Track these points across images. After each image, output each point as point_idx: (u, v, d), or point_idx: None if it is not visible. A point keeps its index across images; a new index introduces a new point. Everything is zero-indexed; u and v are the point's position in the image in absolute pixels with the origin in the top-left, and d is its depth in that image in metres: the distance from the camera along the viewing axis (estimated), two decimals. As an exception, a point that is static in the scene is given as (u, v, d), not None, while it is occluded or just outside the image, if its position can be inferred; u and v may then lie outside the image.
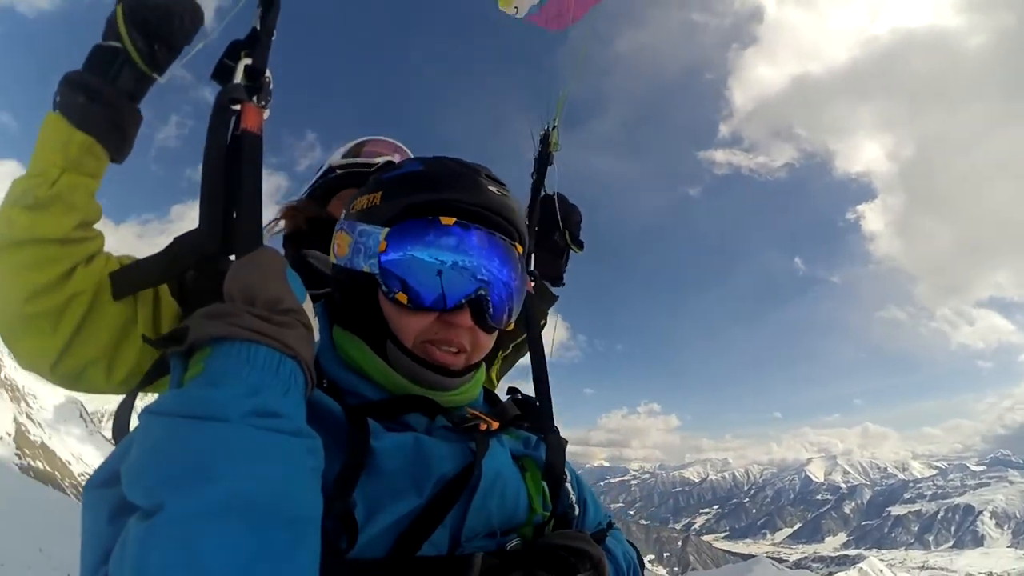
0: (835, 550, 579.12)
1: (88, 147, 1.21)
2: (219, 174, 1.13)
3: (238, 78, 1.24)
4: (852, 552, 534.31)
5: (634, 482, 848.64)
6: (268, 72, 1.28)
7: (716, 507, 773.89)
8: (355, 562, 0.96)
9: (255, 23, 1.32)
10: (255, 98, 1.24)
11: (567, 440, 1.40)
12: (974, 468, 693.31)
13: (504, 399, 1.48)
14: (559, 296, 2.20)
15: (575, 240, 2.23)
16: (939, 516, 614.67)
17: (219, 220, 1.11)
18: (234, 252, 1.07)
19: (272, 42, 1.31)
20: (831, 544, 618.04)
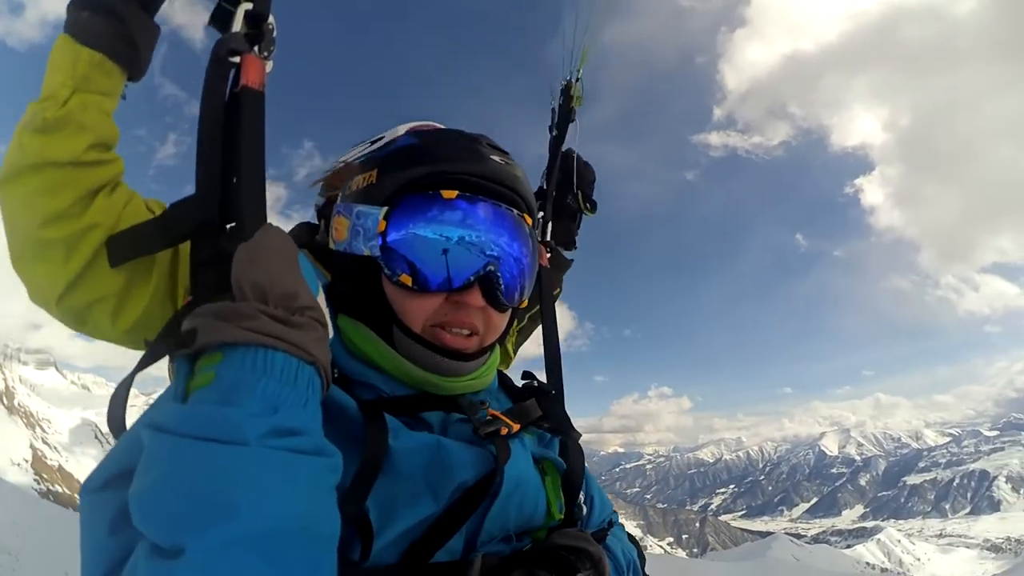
0: (852, 523, 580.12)
1: (97, 63, 1.14)
2: (217, 135, 1.02)
3: (237, 26, 1.10)
4: (869, 524, 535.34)
5: (649, 466, 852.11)
6: (271, 18, 1.15)
7: (732, 486, 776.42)
8: (365, 569, 0.93)
9: None
10: (256, 48, 1.11)
11: (580, 433, 1.37)
12: (987, 433, 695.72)
13: (519, 383, 1.44)
14: (573, 260, 2.08)
15: (588, 200, 2.09)
16: (955, 483, 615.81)
17: (217, 185, 1.00)
18: (234, 220, 0.97)
19: None
20: (848, 517, 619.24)
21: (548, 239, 1.92)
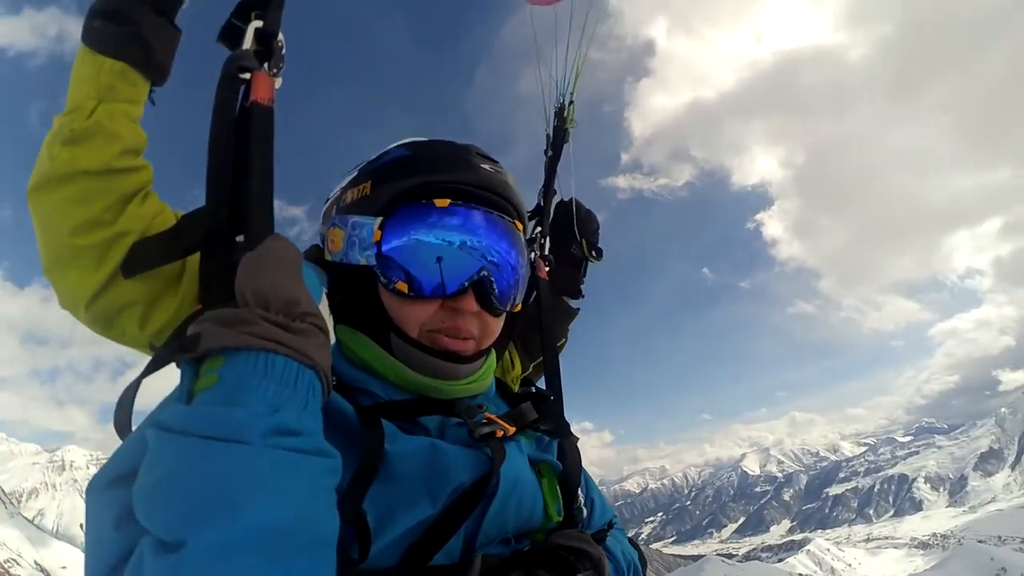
0: (781, 537, 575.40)
1: (119, 72, 1.16)
2: (227, 150, 1.03)
3: (248, 43, 1.12)
4: (798, 536, 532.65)
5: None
6: (281, 36, 1.16)
7: (660, 514, 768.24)
8: (364, 571, 0.94)
9: None
10: (266, 65, 1.13)
11: (578, 436, 1.39)
12: (901, 439, 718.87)
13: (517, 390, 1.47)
14: (579, 310, 2.09)
15: (593, 249, 2.11)
16: (876, 489, 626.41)
17: (226, 199, 1.02)
18: (243, 233, 0.98)
19: (285, 1, 1.18)
20: (776, 532, 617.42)
21: (547, 253, 1.93)
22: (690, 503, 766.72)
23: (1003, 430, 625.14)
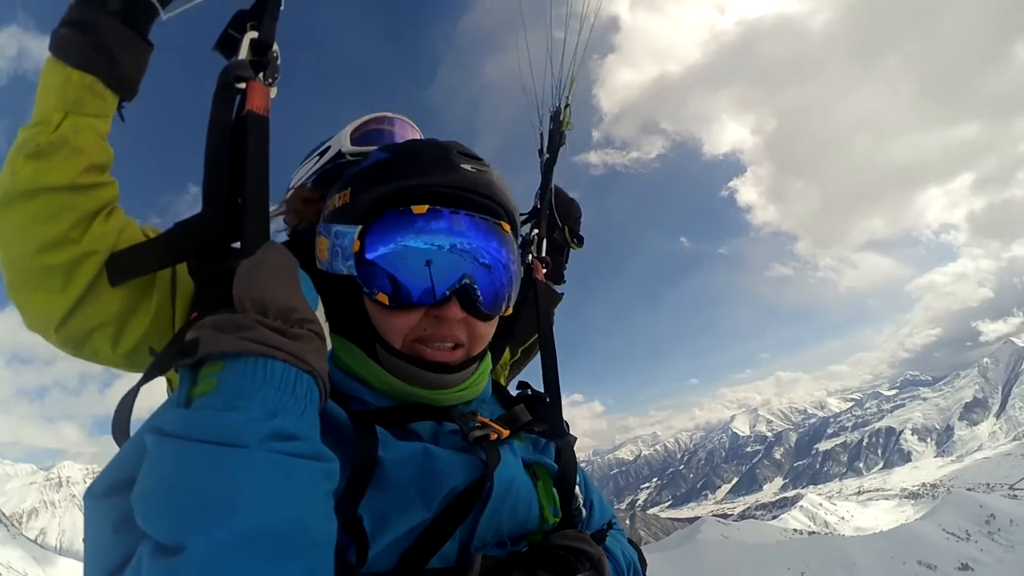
0: (774, 495, 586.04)
1: (88, 85, 1.13)
2: (223, 159, 1.04)
3: (243, 53, 1.14)
4: (791, 493, 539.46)
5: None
6: (275, 46, 1.19)
7: (655, 480, 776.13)
8: (361, 575, 0.94)
9: None
10: (261, 75, 1.14)
11: (575, 437, 1.38)
12: (887, 393, 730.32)
13: (513, 392, 1.46)
14: (563, 294, 2.07)
15: (575, 236, 2.15)
16: (864, 443, 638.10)
17: (222, 207, 1.02)
18: (239, 241, 0.99)
19: (280, 12, 1.21)
20: (770, 490, 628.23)
21: (544, 255, 1.96)
22: (683, 467, 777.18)
23: (986, 379, 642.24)
